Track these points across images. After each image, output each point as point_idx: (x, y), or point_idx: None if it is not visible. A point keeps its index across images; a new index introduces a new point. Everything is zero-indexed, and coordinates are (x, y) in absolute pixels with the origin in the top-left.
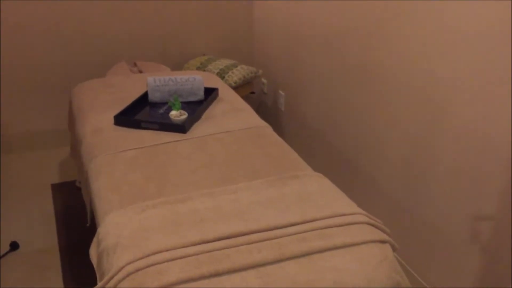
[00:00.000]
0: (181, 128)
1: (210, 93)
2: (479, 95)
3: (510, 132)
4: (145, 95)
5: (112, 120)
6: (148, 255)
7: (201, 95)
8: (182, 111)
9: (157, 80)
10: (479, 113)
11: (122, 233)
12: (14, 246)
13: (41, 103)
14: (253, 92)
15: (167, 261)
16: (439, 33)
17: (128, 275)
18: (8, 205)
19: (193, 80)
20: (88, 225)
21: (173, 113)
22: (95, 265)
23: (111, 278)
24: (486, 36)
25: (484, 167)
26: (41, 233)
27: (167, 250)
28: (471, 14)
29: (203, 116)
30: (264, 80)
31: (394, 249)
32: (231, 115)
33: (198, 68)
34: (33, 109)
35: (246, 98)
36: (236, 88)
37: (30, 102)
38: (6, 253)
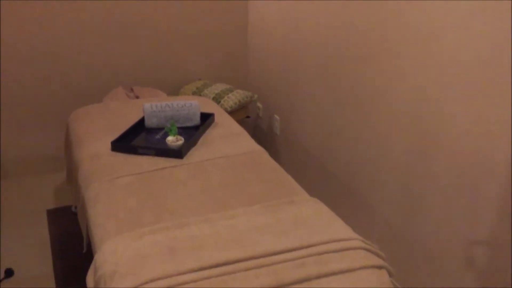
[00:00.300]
0: (178, 153)
1: (206, 118)
2: (471, 120)
3: (504, 156)
4: (141, 121)
5: (109, 146)
6: (146, 283)
7: (197, 120)
8: (179, 137)
9: (154, 106)
10: (472, 138)
11: (119, 260)
12: (8, 273)
13: (38, 128)
14: (248, 116)
15: None
16: (431, 61)
17: None
18: (3, 231)
19: (190, 105)
20: (84, 251)
21: (170, 139)
22: None
23: None
24: (478, 62)
25: (479, 191)
26: (36, 260)
27: (164, 278)
28: (463, 42)
29: (200, 141)
30: (259, 104)
31: (390, 274)
32: (228, 140)
33: (194, 93)
34: (29, 134)
35: (241, 122)
36: (232, 112)
37: (26, 127)
38: (0, 281)
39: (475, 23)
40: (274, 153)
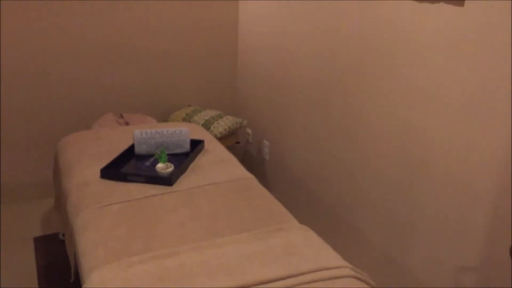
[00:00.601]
0: (168, 180)
1: (196, 145)
2: (458, 149)
3: (490, 184)
4: (131, 148)
5: (99, 173)
6: None
7: (187, 147)
8: (169, 164)
9: (144, 133)
10: (458, 167)
11: None
12: None
13: (26, 155)
14: (238, 142)
15: None
16: (418, 90)
17: None
18: None
19: (179, 132)
20: (72, 280)
21: (160, 166)
22: None
23: None
24: (463, 92)
25: (466, 218)
26: None
27: None
28: (449, 72)
29: (190, 168)
30: (249, 130)
31: None
32: (217, 167)
33: (183, 119)
34: (17, 160)
35: (231, 148)
36: (222, 138)
37: (14, 153)
38: None
39: (461, 53)
40: (263, 179)
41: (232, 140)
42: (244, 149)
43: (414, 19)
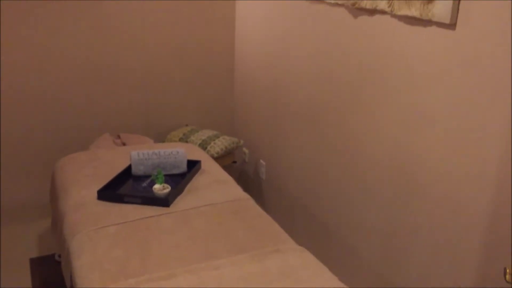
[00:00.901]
0: (164, 202)
1: (193, 165)
2: (453, 168)
3: (485, 207)
4: (128, 168)
5: (95, 195)
6: None
7: (184, 168)
8: (165, 185)
9: (141, 154)
10: (454, 185)
11: None
12: None
13: (23, 176)
14: (235, 162)
15: None
16: (411, 109)
17: None
18: None
19: (176, 153)
20: None
21: (156, 187)
22: None
23: None
24: (457, 115)
25: (462, 239)
26: None
27: None
28: (441, 96)
29: (186, 189)
30: (245, 149)
31: None
32: (214, 187)
33: (180, 139)
34: (14, 181)
35: (228, 167)
36: (218, 158)
37: (11, 174)
38: None
39: (452, 76)
40: (260, 198)
41: (229, 160)
42: (241, 168)
43: (407, 42)
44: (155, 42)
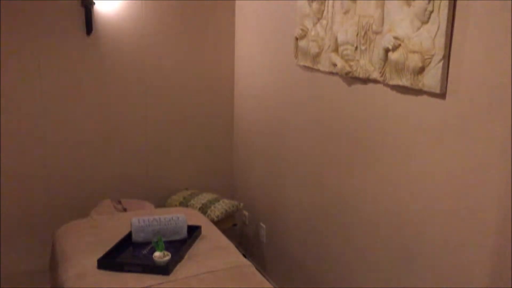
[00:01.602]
0: (165, 270)
1: (193, 230)
2: (450, 231)
3: (483, 271)
4: (129, 235)
5: (96, 264)
6: None
7: (184, 234)
8: (166, 252)
9: (142, 220)
10: (450, 252)
11: None
12: None
13: (22, 243)
14: (235, 225)
15: None
16: (406, 173)
17: None
18: None
19: (177, 219)
20: None
21: (157, 254)
22: None
23: None
24: (449, 176)
25: None
26: None
27: None
28: (433, 158)
29: (186, 256)
30: (245, 212)
31: None
32: (214, 253)
33: (181, 203)
34: (14, 248)
35: (228, 230)
36: (219, 221)
37: (10, 241)
38: None
39: (444, 143)
40: (261, 262)
41: (229, 223)
42: (241, 231)
43: (400, 110)
44: (154, 109)
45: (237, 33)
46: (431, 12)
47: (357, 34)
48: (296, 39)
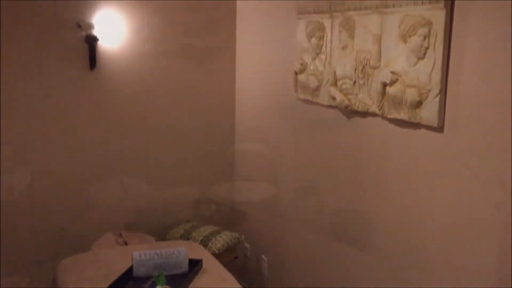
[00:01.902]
0: None
1: (195, 265)
2: (454, 265)
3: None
4: (130, 269)
5: None
6: None
7: (185, 267)
8: (166, 286)
9: (143, 254)
10: (452, 281)
11: None
12: None
13: (24, 278)
14: (236, 257)
15: None
16: (406, 206)
17: None
18: None
19: (178, 253)
20: None
21: None
22: None
23: None
24: (449, 208)
25: None
26: None
27: None
28: (433, 191)
29: None
30: (246, 244)
31: None
32: None
33: (182, 236)
34: (14, 284)
35: (229, 263)
36: (220, 254)
37: (11, 277)
38: None
39: (443, 175)
40: None
41: (230, 256)
42: (243, 263)
43: (399, 143)
44: (155, 145)
45: (238, 68)
46: (427, 48)
47: (355, 69)
48: (296, 73)
